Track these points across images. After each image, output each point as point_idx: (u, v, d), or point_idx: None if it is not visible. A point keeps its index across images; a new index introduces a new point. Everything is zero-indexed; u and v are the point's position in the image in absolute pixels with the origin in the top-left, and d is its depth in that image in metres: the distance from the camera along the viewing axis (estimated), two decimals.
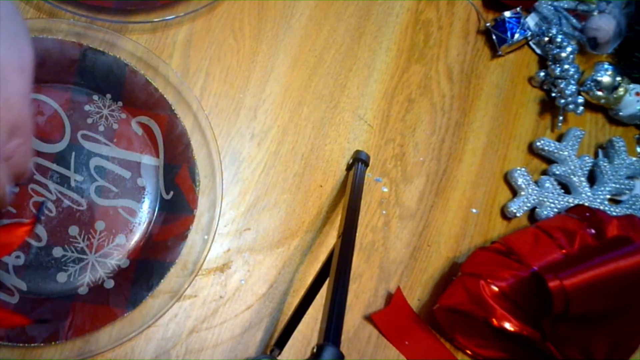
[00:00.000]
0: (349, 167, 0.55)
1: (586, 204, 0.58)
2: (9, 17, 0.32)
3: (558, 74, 0.61)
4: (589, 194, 0.59)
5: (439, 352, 0.52)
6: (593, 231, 0.51)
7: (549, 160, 0.61)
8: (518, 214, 0.57)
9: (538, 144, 0.60)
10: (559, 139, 0.62)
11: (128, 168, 0.50)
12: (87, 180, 0.49)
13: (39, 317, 0.44)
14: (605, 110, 0.64)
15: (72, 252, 0.47)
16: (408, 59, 0.60)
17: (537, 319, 0.48)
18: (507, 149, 0.61)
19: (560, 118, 0.61)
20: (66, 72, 0.50)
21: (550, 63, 0.62)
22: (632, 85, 0.62)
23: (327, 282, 0.42)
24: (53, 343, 0.44)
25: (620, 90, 0.61)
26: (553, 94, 0.61)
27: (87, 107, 0.50)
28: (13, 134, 0.30)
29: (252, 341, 0.49)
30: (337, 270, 0.39)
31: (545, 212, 0.57)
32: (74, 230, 0.48)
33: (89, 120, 0.50)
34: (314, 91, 0.57)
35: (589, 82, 0.61)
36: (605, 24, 0.63)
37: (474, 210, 0.58)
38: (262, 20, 0.57)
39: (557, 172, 0.59)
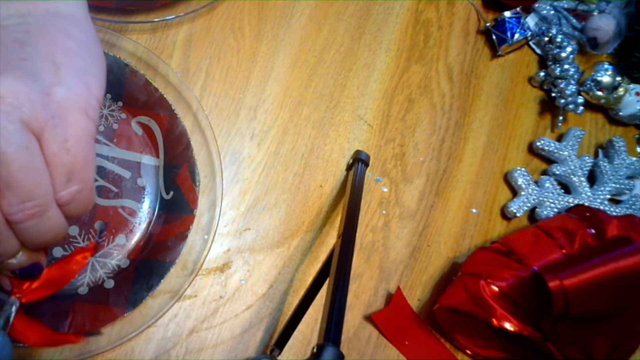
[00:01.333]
0: (349, 167, 0.55)
1: (586, 204, 0.58)
2: (83, 49, 0.30)
3: (558, 74, 0.61)
4: (589, 194, 0.59)
5: (439, 352, 0.52)
6: (593, 231, 0.51)
7: (549, 160, 0.61)
8: (518, 214, 0.57)
9: (538, 144, 0.60)
10: (559, 139, 0.62)
11: (128, 168, 0.50)
12: None
13: (40, 317, 0.43)
14: (605, 110, 0.64)
15: None
16: (408, 59, 0.60)
17: (537, 319, 0.48)
18: (507, 149, 0.61)
19: (560, 118, 0.61)
20: None
21: (550, 63, 0.62)
22: (632, 85, 0.62)
23: (327, 282, 0.42)
24: None
25: (620, 90, 0.61)
26: (553, 94, 0.61)
27: None
28: (70, 180, 0.28)
29: (252, 341, 0.49)
30: (337, 270, 0.39)
31: (545, 212, 0.57)
32: (74, 230, 0.48)
33: None
34: (314, 91, 0.57)
35: (589, 82, 0.61)
36: (605, 24, 0.63)
37: (474, 210, 0.58)
38: (262, 20, 0.57)
39: (557, 172, 0.59)
